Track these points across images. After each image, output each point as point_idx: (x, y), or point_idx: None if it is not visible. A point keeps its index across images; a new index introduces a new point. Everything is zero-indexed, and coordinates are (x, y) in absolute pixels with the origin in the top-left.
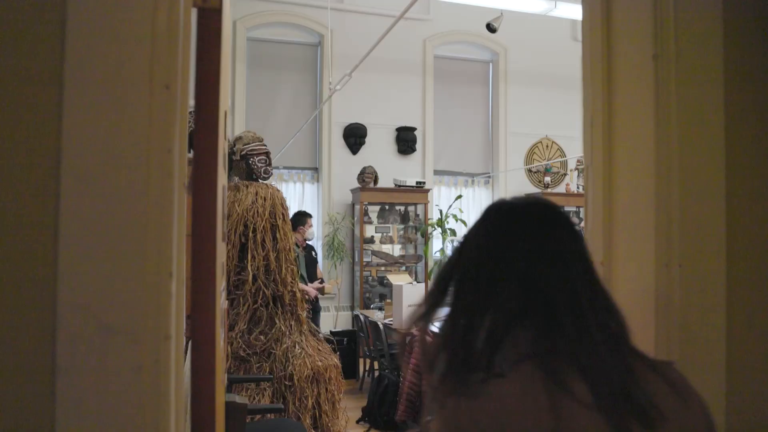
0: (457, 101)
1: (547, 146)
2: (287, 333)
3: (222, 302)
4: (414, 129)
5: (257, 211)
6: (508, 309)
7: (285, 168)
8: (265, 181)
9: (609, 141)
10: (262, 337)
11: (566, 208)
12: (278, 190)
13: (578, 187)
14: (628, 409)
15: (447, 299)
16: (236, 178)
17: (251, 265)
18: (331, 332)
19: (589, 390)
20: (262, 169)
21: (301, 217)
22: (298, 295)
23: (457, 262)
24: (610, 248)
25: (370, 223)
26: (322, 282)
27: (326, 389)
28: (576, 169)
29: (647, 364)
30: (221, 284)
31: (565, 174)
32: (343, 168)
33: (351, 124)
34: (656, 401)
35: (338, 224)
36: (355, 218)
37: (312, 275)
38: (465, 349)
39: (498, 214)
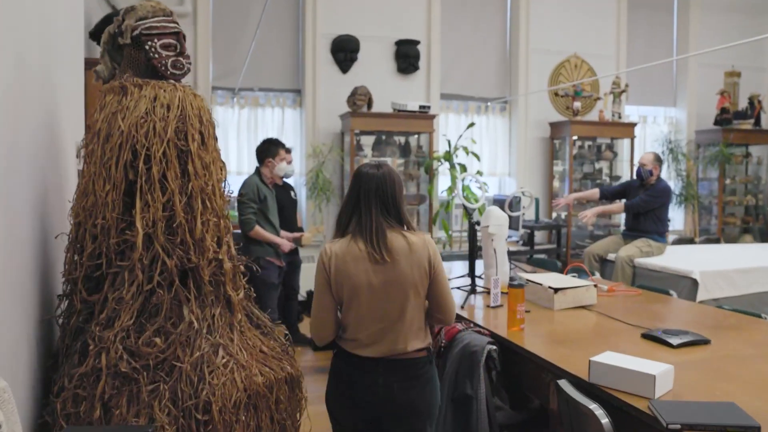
0: (468, 10)
1: (575, 66)
2: (203, 331)
3: None
4: (417, 43)
5: (153, 128)
6: (349, 211)
7: (261, 90)
8: (175, 81)
9: None
10: (158, 339)
11: (600, 140)
12: (197, 96)
13: (613, 115)
14: (378, 248)
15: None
16: (127, 75)
17: (142, 219)
18: (309, 293)
19: (364, 244)
20: (169, 61)
21: (269, 147)
22: (228, 266)
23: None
24: None
25: (363, 156)
26: (302, 231)
27: (273, 418)
28: (611, 92)
29: (401, 234)
30: None
31: (599, 98)
32: (330, 90)
33: (340, 36)
34: (394, 246)
35: (324, 157)
36: (345, 150)
37: (290, 221)
38: (338, 226)
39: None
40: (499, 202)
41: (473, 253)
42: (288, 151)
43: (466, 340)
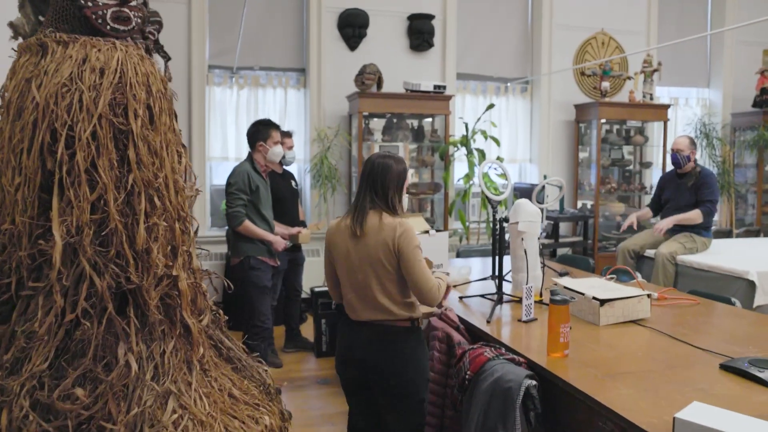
0: None
1: (603, 43)
2: (147, 377)
3: None
4: (431, 17)
5: (79, 100)
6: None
7: (262, 69)
8: (117, 39)
9: None
10: (82, 389)
11: (630, 123)
12: (145, 58)
13: (644, 96)
14: (356, 224)
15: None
16: (50, 30)
17: (62, 224)
18: (312, 290)
19: (350, 220)
20: (108, 11)
21: (260, 130)
22: (186, 284)
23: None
24: None
25: (373, 140)
26: (304, 225)
27: None
28: (642, 71)
29: (380, 214)
30: None
31: (629, 78)
32: (337, 69)
33: (347, 10)
34: (368, 223)
35: (330, 142)
36: (353, 134)
37: (290, 215)
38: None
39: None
40: (520, 192)
41: (500, 255)
42: (288, 134)
43: (498, 372)
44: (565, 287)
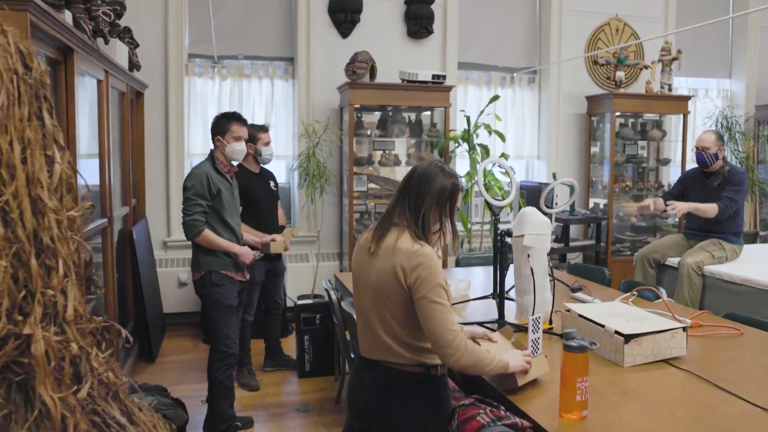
0: None
1: (617, 30)
2: None
3: None
4: (431, 1)
5: None
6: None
7: (247, 58)
8: None
9: None
10: None
11: (646, 116)
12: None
13: (662, 87)
14: (374, 238)
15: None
16: None
17: None
18: (297, 303)
19: (370, 235)
20: None
21: (218, 123)
22: (42, 347)
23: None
24: None
25: (365, 135)
26: (283, 231)
27: None
28: (660, 60)
29: (401, 234)
30: None
31: (646, 67)
32: (328, 57)
33: None
34: (385, 242)
35: (318, 137)
36: (344, 129)
37: (268, 220)
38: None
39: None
40: (527, 191)
41: (502, 277)
42: (263, 129)
43: None
44: (580, 315)
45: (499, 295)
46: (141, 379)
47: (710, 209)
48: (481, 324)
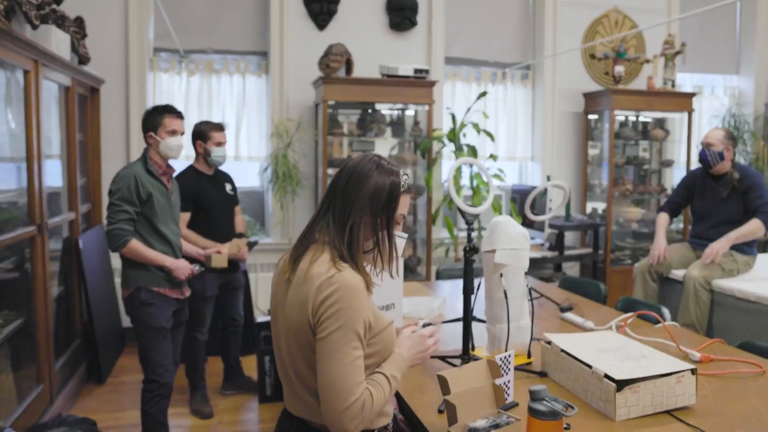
0: None
1: (616, 23)
2: None
3: None
4: None
5: None
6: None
7: (217, 53)
8: None
9: None
10: None
11: (648, 114)
12: None
13: (665, 83)
14: (290, 260)
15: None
16: None
17: None
18: (257, 321)
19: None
20: None
21: (149, 117)
22: None
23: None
24: None
25: (343, 134)
26: (239, 240)
27: None
28: (663, 54)
29: (320, 255)
30: None
31: (647, 61)
32: (303, 51)
33: None
34: (300, 266)
35: (290, 137)
36: (319, 128)
37: (222, 228)
38: None
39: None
40: (519, 195)
41: (467, 302)
42: (219, 127)
43: None
44: (562, 351)
45: (465, 326)
46: (84, 404)
47: (756, 228)
48: (443, 359)
